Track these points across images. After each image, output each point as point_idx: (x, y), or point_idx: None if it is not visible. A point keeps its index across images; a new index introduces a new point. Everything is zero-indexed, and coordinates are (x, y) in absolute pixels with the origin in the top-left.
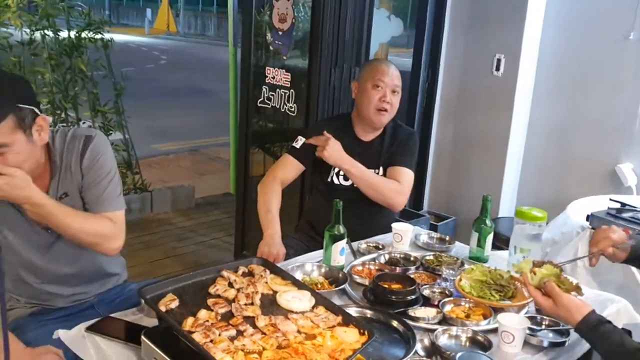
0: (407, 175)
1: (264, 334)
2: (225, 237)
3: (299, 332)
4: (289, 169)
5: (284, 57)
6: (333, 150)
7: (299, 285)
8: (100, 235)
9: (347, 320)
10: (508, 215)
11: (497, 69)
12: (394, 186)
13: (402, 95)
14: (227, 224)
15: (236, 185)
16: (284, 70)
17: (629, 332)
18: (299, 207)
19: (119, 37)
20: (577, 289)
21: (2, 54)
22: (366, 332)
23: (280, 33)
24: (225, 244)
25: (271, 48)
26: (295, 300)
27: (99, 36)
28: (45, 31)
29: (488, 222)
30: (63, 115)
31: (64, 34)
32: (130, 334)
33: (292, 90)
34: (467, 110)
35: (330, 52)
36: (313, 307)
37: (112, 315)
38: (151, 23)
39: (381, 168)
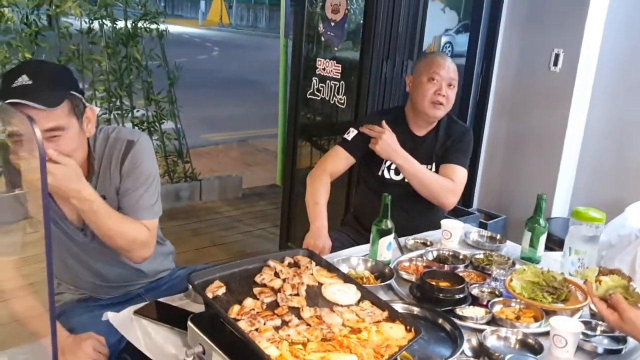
0: (460, 174)
1: (309, 325)
2: (271, 228)
3: (344, 325)
4: (339, 161)
5: (336, 48)
6: (387, 144)
7: (345, 278)
8: (135, 240)
9: (394, 316)
10: (561, 215)
11: (555, 64)
12: (447, 184)
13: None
14: (272, 215)
15: (283, 177)
16: (334, 62)
17: None
18: (346, 200)
19: (172, 28)
20: None
21: (62, 42)
22: (413, 329)
23: (332, 24)
24: (271, 234)
25: (323, 39)
26: (341, 293)
27: (154, 26)
28: (104, 20)
29: (542, 221)
30: (118, 102)
31: (121, 23)
32: (177, 319)
33: (342, 82)
34: (522, 106)
35: (383, 45)
36: (359, 301)
37: (160, 299)
38: (204, 15)
39: (434, 164)
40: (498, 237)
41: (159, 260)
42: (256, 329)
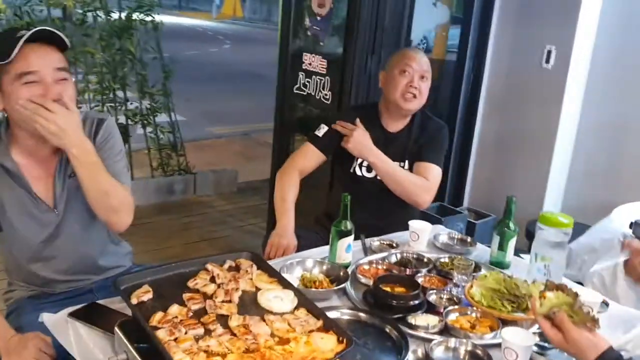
0: (434, 172)
1: (234, 335)
2: (262, 224)
3: (272, 335)
4: (309, 158)
5: (321, 43)
6: (358, 141)
7: (284, 284)
8: (124, 201)
9: (327, 326)
10: None
11: (547, 61)
12: (420, 183)
13: (446, 85)
14: (265, 209)
15: (271, 171)
16: (320, 57)
17: None
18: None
19: (186, 21)
20: (593, 322)
21: None
22: (345, 340)
23: (318, 18)
24: (262, 230)
25: (309, 34)
26: (277, 300)
27: (149, 18)
28: (97, 12)
29: (512, 224)
30: (111, 95)
31: (115, 15)
32: (112, 324)
33: (327, 77)
34: (514, 103)
35: (367, 38)
36: (295, 309)
37: (98, 302)
38: (219, 8)
39: (407, 162)
40: (469, 240)
41: (114, 258)
42: (175, 339)
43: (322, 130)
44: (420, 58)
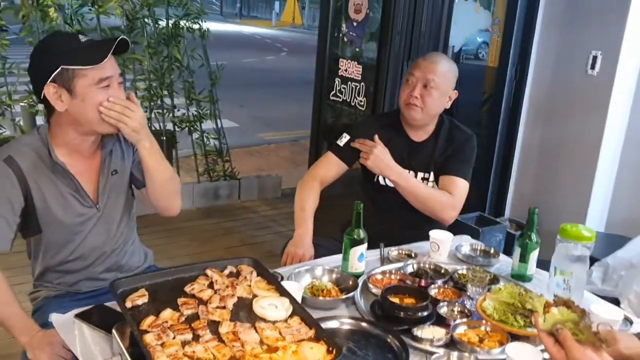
0: (461, 187)
1: (222, 341)
2: None
3: (261, 342)
4: (330, 167)
5: (357, 49)
6: (379, 159)
7: (281, 291)
8: (180, 187)
9: (319, 335)
10: (597, 229)
11: (592, 67)
12: (445, 200)
13: (489, 93)
14: None
15: None
16: (356, 63)
17: None
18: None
19: (246, 29)
20: (599, 340)
21: None
22: (334, 350)
23: (354, 24)
24: None
25: (345, 39)
26: (271, 308)
27: (196, 26)
28: (145, 20)
29: (534, 237)
30: (159, 101)
31: (163, 23)
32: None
33: (362, 84)
34: (558, 111)
35: (403, 44)
36: (289, 317)
37: (106, 304)
38: (278, 15)
39: (432, 173)
40: (492, 251)
41: (137, 258)
42: (162, 344)
43: (344, 139)
44: (428, 65)
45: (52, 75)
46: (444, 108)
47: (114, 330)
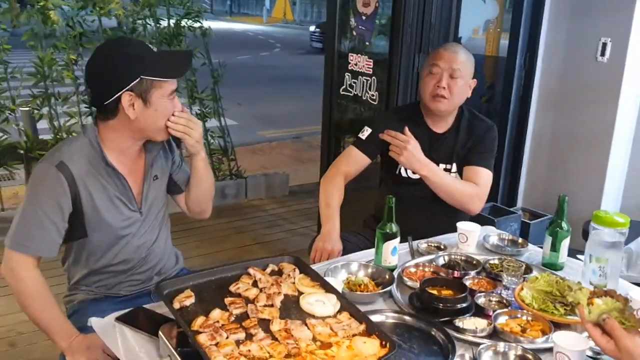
0: (485, 177)
1: (275, 339)
2: (314, 226)
3: (314, 339)
4: (353, 161)
5: (367, 43)
6: (412, 154)
7: (327, 287)
8: (213, 195)
9: (370, 330)
10: None
11: (602, 54)
12: (471, 191)
13: (497, 82)
14: (317, 212)
15: (320, 174)
16: (366, 57)
17: None
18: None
19: (238, 26)
20: None
21: None
22: (388, 345)
23: (364, 18)
24: (314, 232)
25: (354, 33)
26: (319, 304)
27: (197, 25)
28: (147, 20)
29: (564, 225)
30: None
31: (164, 22)
32: (157, 327)
33: (374, 78)
34: (568, 99)
35: (414, 37)
36: (337, 313)
37: (145, 306)
38: (269, 12)
39: (454, 164)
40: (520, 240)
41: (170, 263)
42: (216, 343)
43: (365, 132)
44: (450, 55)
45: (131, 85)
46: (466, 97)
47: (160, 332)
